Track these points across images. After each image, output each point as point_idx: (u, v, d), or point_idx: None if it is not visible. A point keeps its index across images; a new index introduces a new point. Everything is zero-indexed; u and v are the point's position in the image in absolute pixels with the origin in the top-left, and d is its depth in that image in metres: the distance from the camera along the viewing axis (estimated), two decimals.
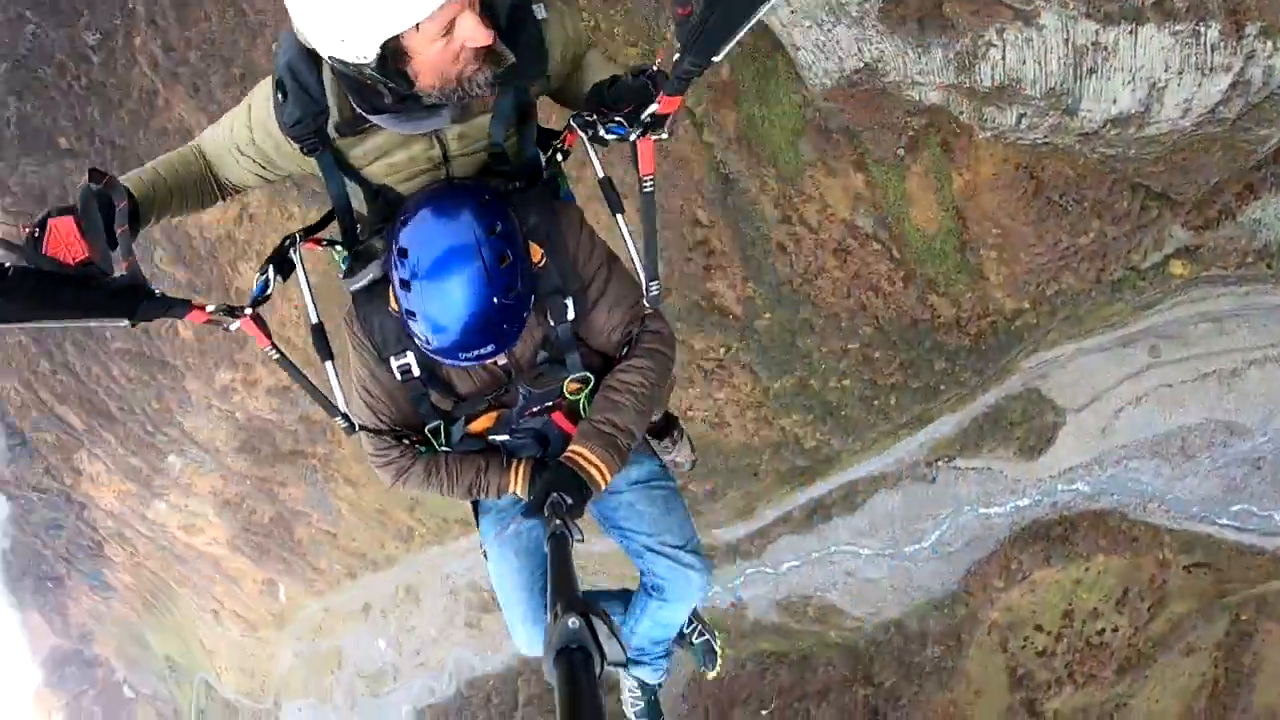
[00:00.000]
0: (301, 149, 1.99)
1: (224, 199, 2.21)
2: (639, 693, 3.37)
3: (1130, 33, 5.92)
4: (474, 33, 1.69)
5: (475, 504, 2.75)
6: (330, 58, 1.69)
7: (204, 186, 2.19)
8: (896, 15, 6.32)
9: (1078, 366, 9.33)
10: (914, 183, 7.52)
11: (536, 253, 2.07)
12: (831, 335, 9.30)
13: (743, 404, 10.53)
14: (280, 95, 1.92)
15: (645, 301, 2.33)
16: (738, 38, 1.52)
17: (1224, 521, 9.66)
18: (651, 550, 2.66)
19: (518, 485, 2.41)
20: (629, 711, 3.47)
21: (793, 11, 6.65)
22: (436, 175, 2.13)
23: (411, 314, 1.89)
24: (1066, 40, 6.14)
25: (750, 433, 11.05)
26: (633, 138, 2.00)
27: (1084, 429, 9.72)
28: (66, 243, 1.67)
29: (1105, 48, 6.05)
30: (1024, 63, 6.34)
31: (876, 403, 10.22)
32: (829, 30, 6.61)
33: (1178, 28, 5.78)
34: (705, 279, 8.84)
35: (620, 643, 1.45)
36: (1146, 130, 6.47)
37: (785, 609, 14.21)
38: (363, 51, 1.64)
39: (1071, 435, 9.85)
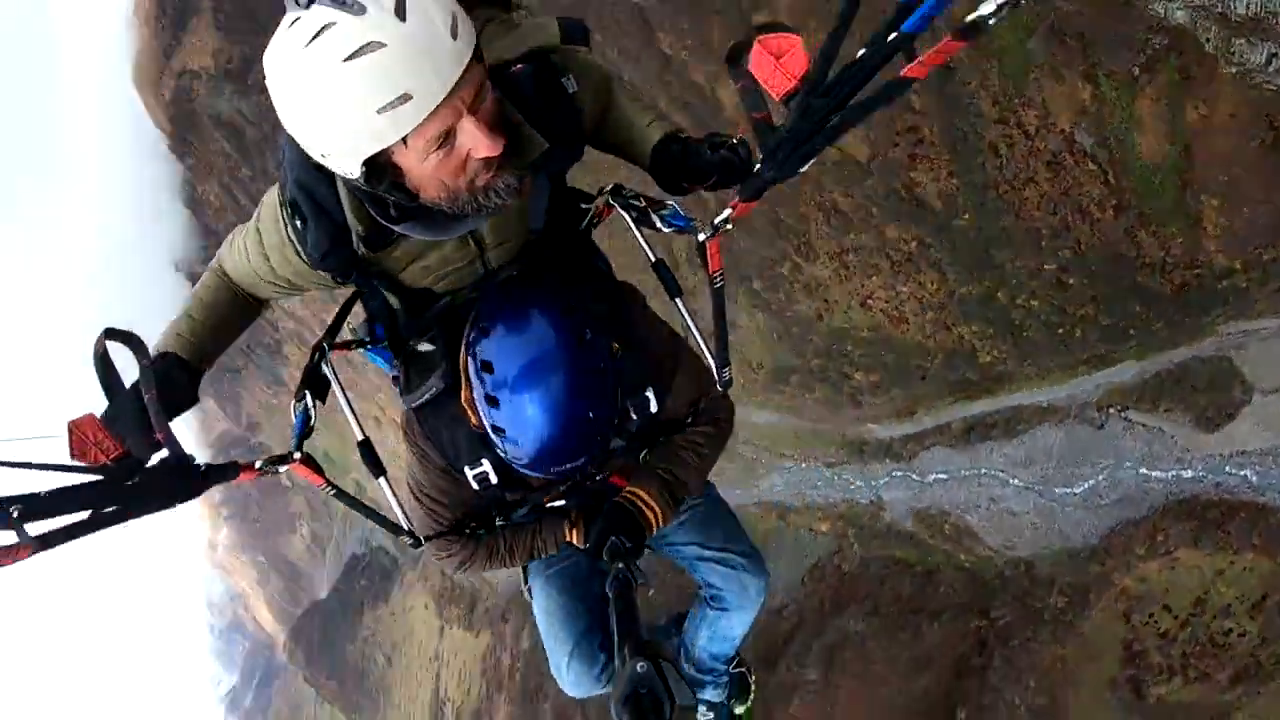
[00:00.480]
0: (335, 278, 1.87)
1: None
2: (710, 715, 3.30)
3: None
4: (478, 143, 1.54)
5: None
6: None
7: (244, 310, 2.08)
8: None
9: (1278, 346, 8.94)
10: (1144, 107, 7.60)
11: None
12: (1028, 251, 9.66)
13: (926, 302, 11.23)
14: (298, 221, 1.73)
15: (719, 386, 2.28)
16: (822, 150, 1.46)
17: None
18: (703, 559, 2.68)
19: (574, 537, 2.40)
20: None
21: None
22: (474, 269, 2.00)
23: (500, 430, 1.79)
24: None
25: (927, 334, 11.75)
26: (702, 238, 1.91)
27: (1269, 414, 9.34)
28: (94, 441, 1.55)
29: None
30: None
31: (1061, 331, 10.45)
32: None
33: None
34: (909, 167, 9.48)
35: (689, 687, 1.49)
36: None
37: (922, 520, 14.94)
38: (346, 168, 1.51)
39: (1254, 417, 9.50)
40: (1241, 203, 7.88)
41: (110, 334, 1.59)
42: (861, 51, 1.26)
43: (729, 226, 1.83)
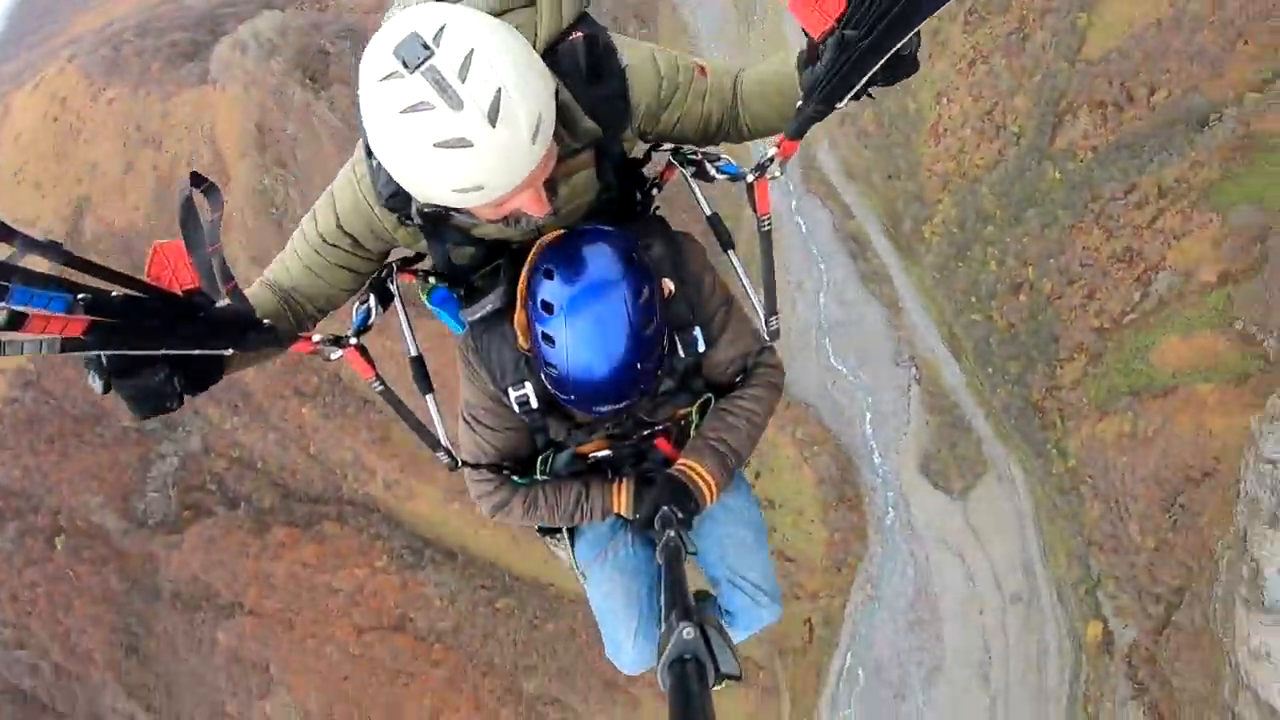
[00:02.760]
0: (401, 219, 1.92)
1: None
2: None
3: None
4: (529, 206, 1.76)
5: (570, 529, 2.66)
6: None
7: (283, 317, 2.07)
8: None
9: None
10: None
11: (666, 286, 2.03)
12: None
13: None
14: (374, 160, 1.81)
15: (766, 335, 2.34)
16: (861, 85, 1.51)
17: None
18: (731, 584, 2.65)
19: (621, 504, 2.38)
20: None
21: None
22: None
23: (551, 367, 1.84)
24: None
25: None
26: (749, 179, 2.01)
27: None
28: (175, 268, 1.54)
29: None
30: None
31: None
32: None
33: None
34: None
35: (735, 656, 1.51)
36: None
37: None
38: (415, 202, 1.79)
39: None
40: None
41: (194, 179, 1.57)
42: None
43: (777, 169, 1.92)
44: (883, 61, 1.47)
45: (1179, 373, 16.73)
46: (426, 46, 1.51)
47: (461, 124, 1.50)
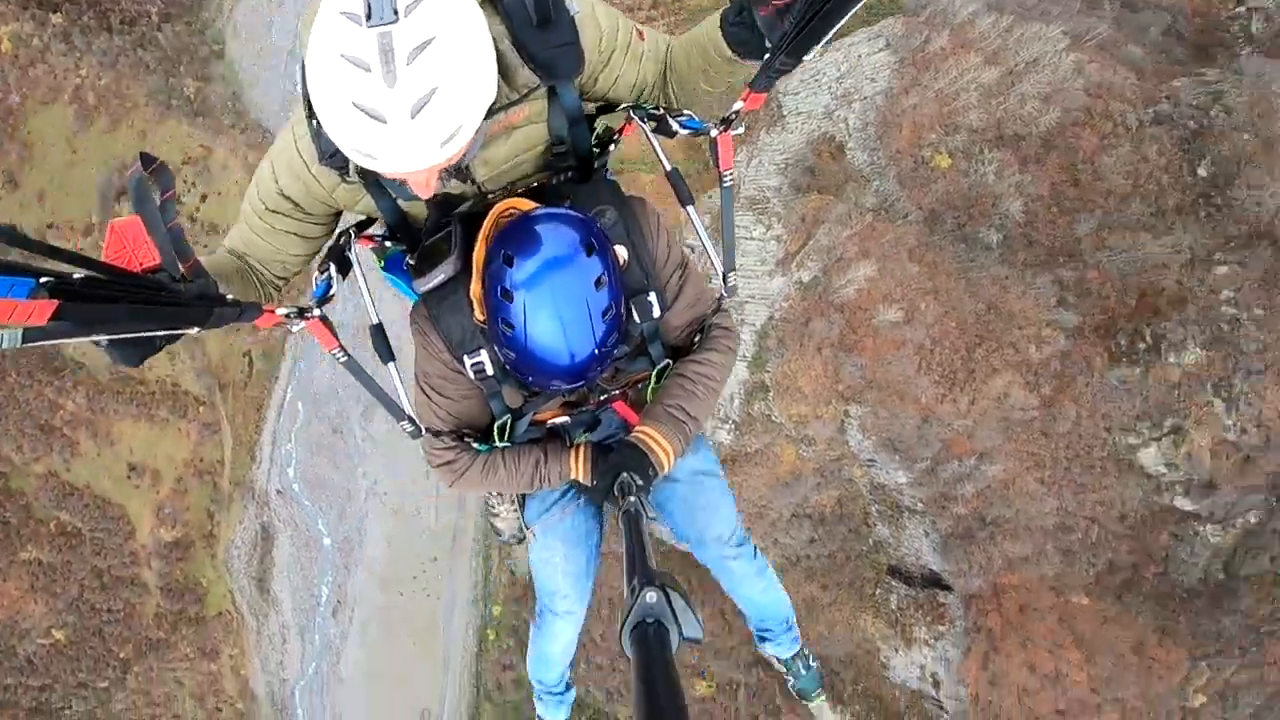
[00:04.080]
0: (343, 175, 1.94)
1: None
2: (785, 669, 3.49)
3: None
4: (416, 189, 1.86)
5: None
6: None
7: (249, 279, 2.17)
8: None
9: None
10: None
11: (621, 253, 2.02)
12: None
13: None
14: (314, 121, 1.82)
15: (723, 292, 2.33)
16: (829, 37, 1.56)
17: None
18: (701, 542, 2.78)
19: (580, 471, 2.38)
20: (791, 690, 3.61)
21: None
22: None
23: (511, 351, 1.87)
24: None
25: None
26: (714, 133, 2.02)
27: None
28: (134, 247, 1.57)
29: None
30: None
31: None
32: None
33: None
34: None
35: (697, 619, 1.46)
36: None
37: None
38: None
39: None
40: None
41: (144, 160, 1.56)
42: None
43: (741, 128, 1.96)
44: (851, 12, 1.49)
45: None
46: (394, 10, 1.51)
47: (385, 101, 1.54)
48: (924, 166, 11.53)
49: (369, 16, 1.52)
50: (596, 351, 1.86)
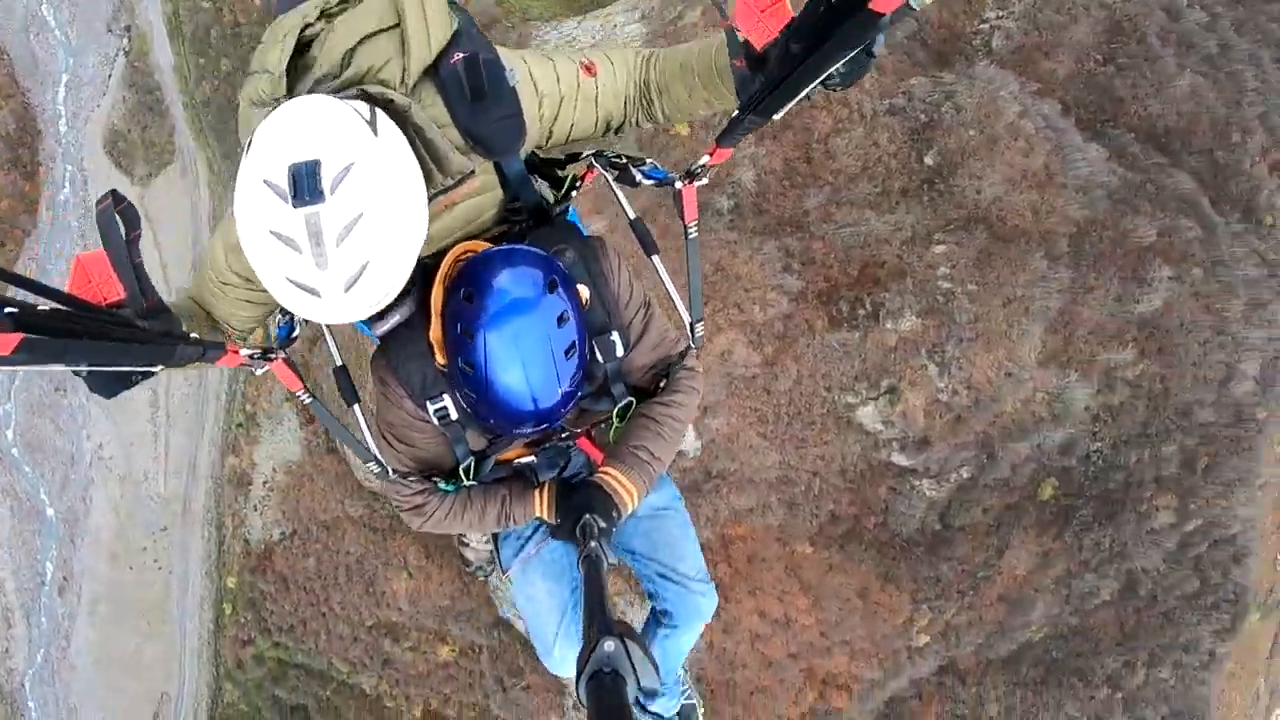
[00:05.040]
0: None
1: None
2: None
3: None
4: None
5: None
6: None
7: (214, 323, 2.13)
8: None
9: None
10: None
11: (583, 293, 2.00)
12: None
13: None
14: None
15: (692, 343, 2.33)
16: (800, 98, 1.51)
17: None
18: (663, 577, 2.69)
19: (544, 510, 2.36)
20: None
21: None
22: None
23: (472, 393, 1.83)
24: None
25: None
26: (678, 185, 2.03)
27: None
28: (100, 281, 1.59)
29: None
30: None
31: None
32: None
33: None
34: None
35: (655, 668, 1.42)
36: None
37: None
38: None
39: None
40: None
41: (114, 198, 1.59)
42: None
43: (705, 180, 1.97)
44: (823, 75, 1.43)
45: None
46: (319, 190, 1.51)
47: (318, 280, 1.56)
48: (664, 133, 12.13)
49: (295, 195, 1.50)
50: (561, 391, 1.81)
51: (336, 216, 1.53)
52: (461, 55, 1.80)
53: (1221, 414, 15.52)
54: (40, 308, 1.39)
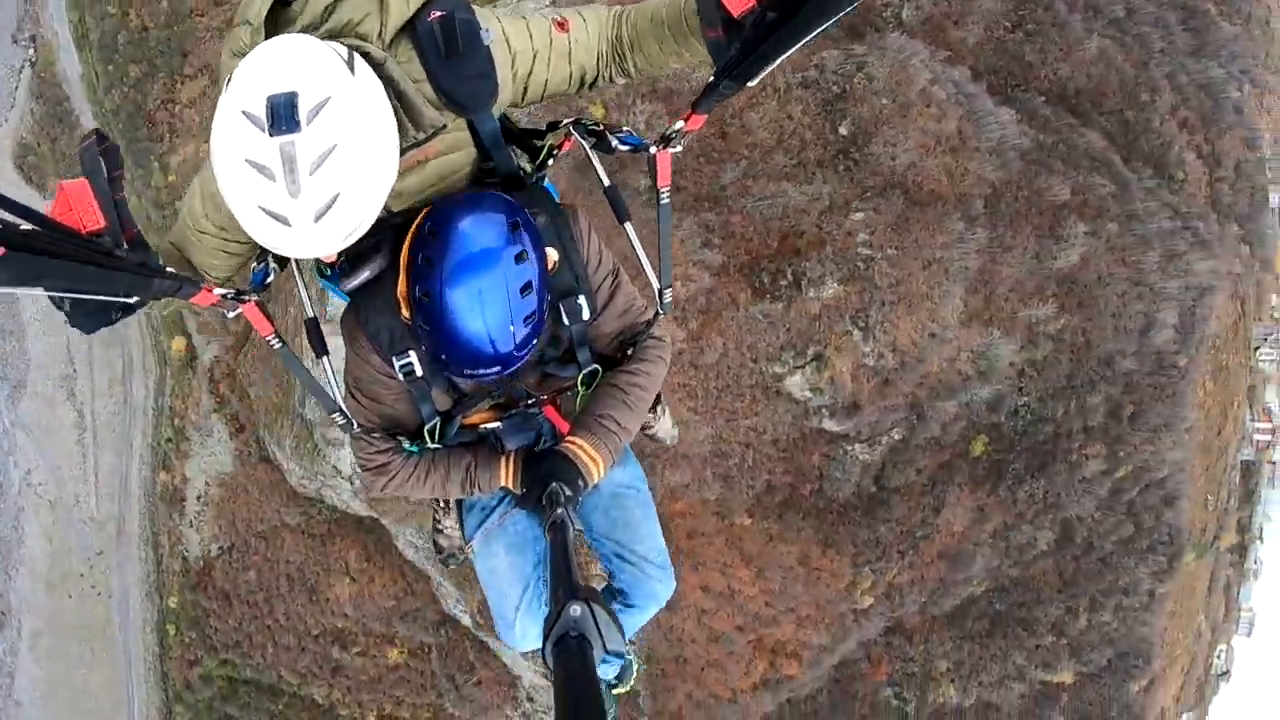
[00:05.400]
0: None
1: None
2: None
3: None
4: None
5: (459, 500, 2.71)
6: None
7: (191, 267, 2.17)
8: None
9: None
10: None
11: (551, 256, 2.04)
12: None
13: None
14: None
15: (659, 308, 2.33)
16: (777, 64, 1.54)
17: None
18: (620, 557, 2.69)
19: (509, 478, 2.36)
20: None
21: None
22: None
23: (426, 328, 1.85)
24: None
25: None
26: (652, 150, 2.05)
27: None
28: (81, 209, 1.59)
29: None
30: None
31: None
32: None
33: None
34: None
35: (620, 631, 1.44)
36: None
37: None
38: None
39: None
40: None
41: (98, 136, 1.63)
42: None
43: (679, 147, 1.98)
44: (801, 42, 1.46)
45: None
46: (295, 120, 1.54)
47: (289, 208, 1.59)
48: (585, 114, 12.16)
49: (271, 124, 1.53)
50: (514, 331, 1.81)
51: (311, 146, 1.56)
52: (438, 13, 1.83)
53: (1144, 363, 16.04)
54: (21, 228, 1.41)
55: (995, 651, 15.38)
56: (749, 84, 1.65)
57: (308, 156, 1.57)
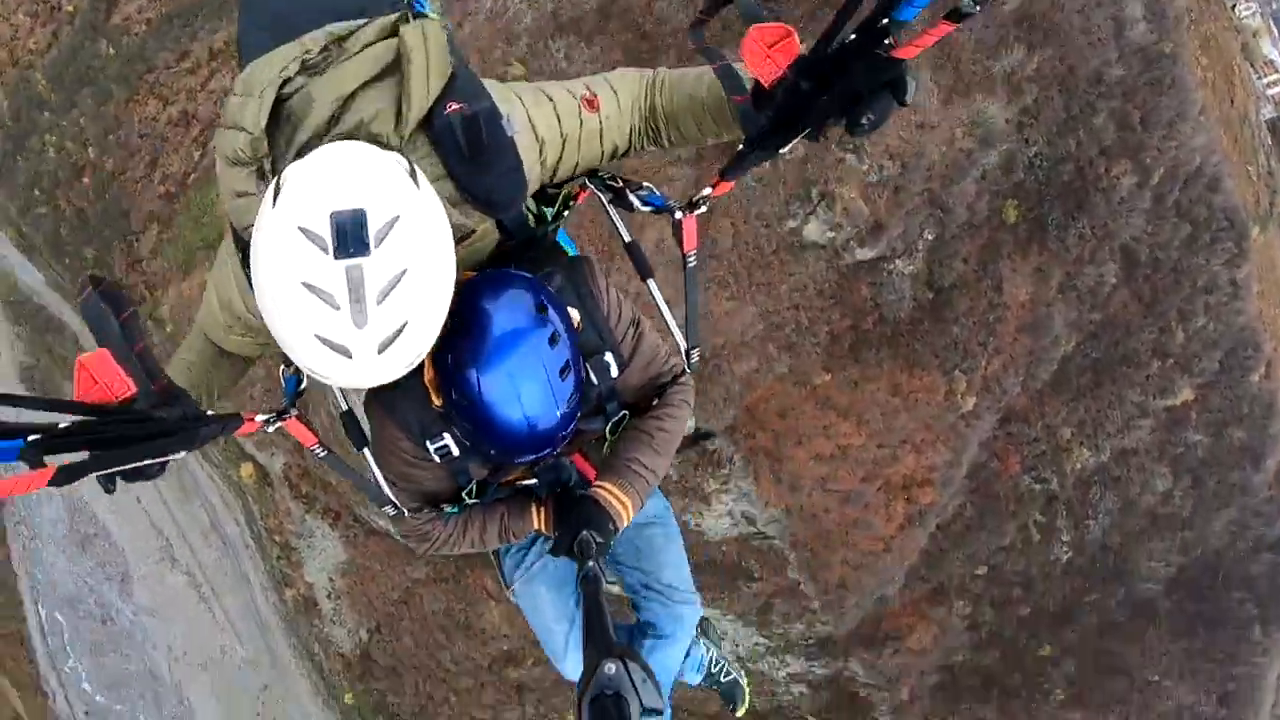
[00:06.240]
0: None
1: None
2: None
3: None
4: None
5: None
6: None
7: (228, 360, 2.15)
8: None
9: None
10: None
11: (574, 316, 1.98)
12: None
13: None
14: (242, 254, 1.74)
15: (687, 367, 2.33)
16: (807, 131, 1.54)
17: None
18: (647, 587, 2.73)
19: (542, 525, 2.40)
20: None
21: None
22: None
23: (469, 425, 1.81)
24: None
25: None
26: (678, 215, 2.04)
27: None
28: (106, 380, 1.50)
29: None
30: None
31: None
32: None
33: None
34: None
35: (657, 688, 1.43)
36: None
37: None
38: None
39: None
40: None
41: (95, 283, 1.58)
42: (851, 37, 1.31)
43: (705, 206, 1.93)
44: (833, 110, 1.45)
45: None
46: (365, 242, 1.42)
47: (353, 340, 1.48)
48: (504, 81, 11.97)
49: (337, 247, 1.41)
50: (559, 414, 1.80)
51: (381, 271, 1.45)
52: (457, 106, 1.71)
53: (1131, 65, 15.45)
54: (60, 426, 1.39)
55: (1109, 399, 15.21)
56: (781, 153, 1.63)
57: (376, 283, 1.45)
